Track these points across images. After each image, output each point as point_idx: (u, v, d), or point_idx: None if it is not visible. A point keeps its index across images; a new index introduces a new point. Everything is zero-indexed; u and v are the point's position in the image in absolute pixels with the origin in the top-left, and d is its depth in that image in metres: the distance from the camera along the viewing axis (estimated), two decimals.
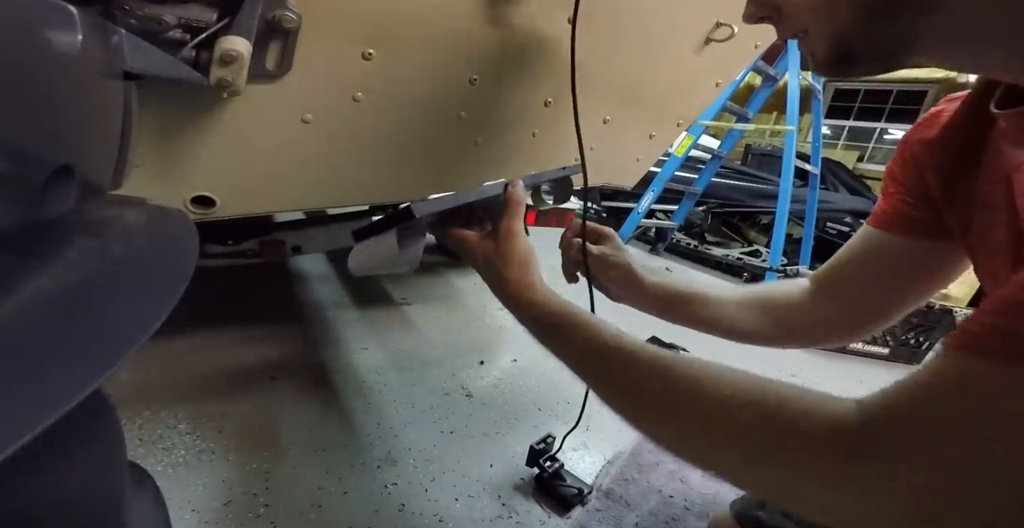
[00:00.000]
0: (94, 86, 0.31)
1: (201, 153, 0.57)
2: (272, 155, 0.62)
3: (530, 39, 0.69)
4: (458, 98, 0.70)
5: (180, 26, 0.45)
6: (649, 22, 0.77)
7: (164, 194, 0.58)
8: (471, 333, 1.62)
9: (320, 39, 0.54)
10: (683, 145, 2.89)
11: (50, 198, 0.24)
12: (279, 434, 1.04)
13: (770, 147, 4.49)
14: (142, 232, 0.30)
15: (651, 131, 1.04)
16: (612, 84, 0.85)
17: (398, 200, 0.82)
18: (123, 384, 1.13)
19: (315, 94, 0.59)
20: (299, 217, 1.52)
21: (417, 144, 0.72)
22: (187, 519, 0.81)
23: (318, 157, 0.65)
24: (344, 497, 0.90)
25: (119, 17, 0.41)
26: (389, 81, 0.63)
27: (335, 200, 0.76)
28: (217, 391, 1.16)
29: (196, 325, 1.41)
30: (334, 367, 1.32)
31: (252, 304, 1.64)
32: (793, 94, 2.70)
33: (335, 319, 1.60)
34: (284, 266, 1.99)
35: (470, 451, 1.06)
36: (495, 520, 0.89)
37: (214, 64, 0.45)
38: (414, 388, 1.27)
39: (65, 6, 0.26)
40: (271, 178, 0.65)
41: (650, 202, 3.02)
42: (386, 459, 1.01)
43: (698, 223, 3.69)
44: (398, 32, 0.59)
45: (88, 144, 0.30)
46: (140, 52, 0.39)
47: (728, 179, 3.60)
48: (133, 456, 0.93)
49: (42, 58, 0.24)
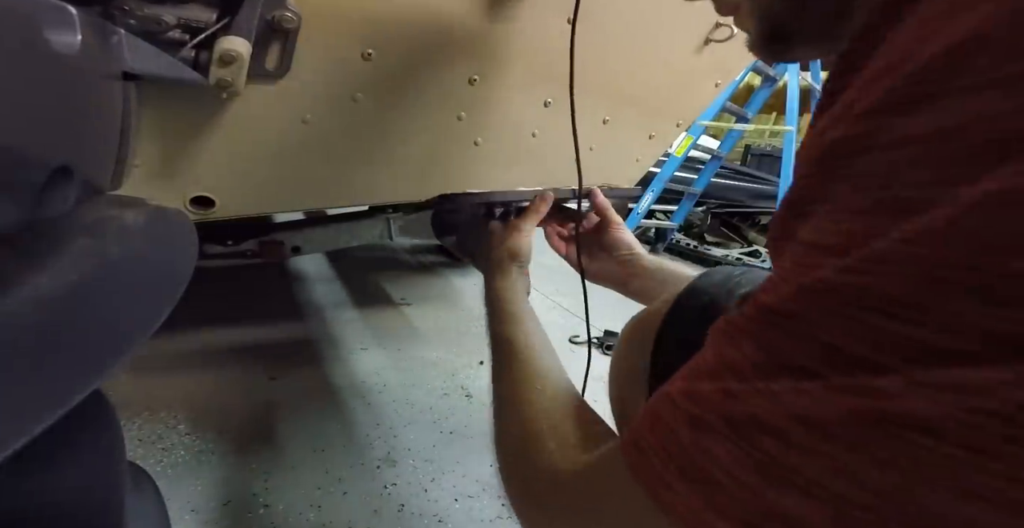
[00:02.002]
0: (93, 86, 0.31)
1: (201, 153, 0.57)
2: (272, 155, 0.62)
3: (530, 39, 0.69)
4: (458, 98, 0.70)
5: (180, 26, 0.45)
6: (649, 22, 0.77)
7: (164, 194, 0.58)
8: (471, 333, 1.62)
9: (320, 39, 0.54)
10: (683, 145, 2.88)
11: (50, 198, 0.24)
12: (279, 434, 1.04)
13: (769, 147, 4.49)
14: (141, 232, 0.30)
15: (650, 131, 1.04)
16: (612, 84, 0.85)
17: (398, 200, 0.82)
18: (122, 384, 1.13)
19: (315, 94, 0.59)
20: (299, 217, 1.51)
21: (417, 144, 0.72)
22: (187, 519, 0.81)
23: (318, 157, 0.65)
24: (343, 497, 0.90)
25: (119, 17, 0.41)
26: (389, 81, 0.63)
27: (335, 200, 0.76)
28: (217, 391, 1.16)
29: (196, 325, 1.41)
30: (333, 367, 1.32)
31: (252, 304, 1.63)
32: (792, 94, 2.70)
33: (334, 319, 1.60)
34: (284, 266, 1.99)
35: (470, 451, 1.06)
36: (495, 520, 0.89)
37: (213, 64, 0.45)
38: (413, 388, 1.26)
39: (65, 6, 0.26)
40: (271, 178, 0.65)
41: (650, 202, 3.02)
42: (385, 459, 1.00)
43: (698, 223, 3.69)
44: (398, 32, 0.59)
45: (87, 144, 0.30)
46: (140, 52, 0.39)
47: (728, 179, 3.60)
48: (133, 456, 0.93)
49: (41, 58, 0.24)
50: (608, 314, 1.92)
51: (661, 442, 0.21)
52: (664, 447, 0.21)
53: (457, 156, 0.79)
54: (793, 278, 0.19)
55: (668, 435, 0.21)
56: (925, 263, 0.15)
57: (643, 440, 0.22)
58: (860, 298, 0.16)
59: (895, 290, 0.16)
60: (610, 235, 0.70)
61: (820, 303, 0.18)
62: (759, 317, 0.20)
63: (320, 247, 1.48)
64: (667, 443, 0.20)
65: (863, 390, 0.16)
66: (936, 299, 0.15)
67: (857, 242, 0.17)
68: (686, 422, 0.20)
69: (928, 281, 0.15)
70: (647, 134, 1.04)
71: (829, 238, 0.18)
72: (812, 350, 0.17)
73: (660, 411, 0.22)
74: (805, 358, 0.17)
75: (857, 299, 0.16)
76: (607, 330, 1.64)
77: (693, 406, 0.20)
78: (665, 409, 0.22)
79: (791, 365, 0.18)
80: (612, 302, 0.69)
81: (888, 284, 0.16)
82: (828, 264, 0.18)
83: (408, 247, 2.41)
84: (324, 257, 2.12)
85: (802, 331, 0.18)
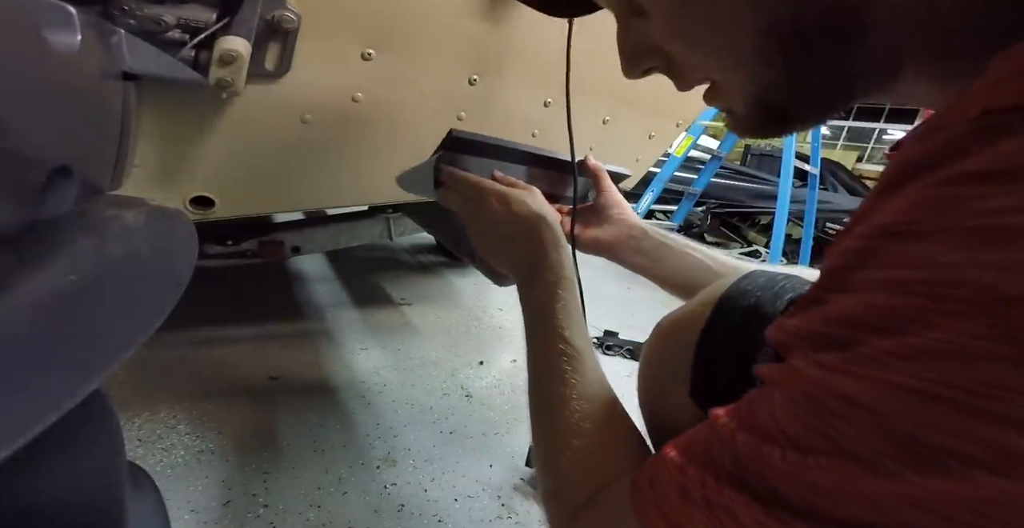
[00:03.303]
0: (93, 86, 0.31)
1: (201, 153, 0.57)
2: (272, 155, 0.62)
3: (530, 39, 0.69)
4: (458, 98, 0.70)
5: (179, 26, 0.45)
6: None
7: (163, 194, 0.58)
8: (470, 333, 1.62)
9: (319, 39, 0.54)
10: (682, 145, 2.89)
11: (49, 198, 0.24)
12: (278, 434, 1.04)
13: (769, 147, 4.49)
14: (141, 233, 0.30)
15: (650, 131, 1.04)
16: (611, 84, 0.85)
17: (398, 200, 0.82)
18: (122, 384, 1.13)
19: (314, 94, 0.59)
20: (299, 217, 1.51)
21: (417, 144, 0.72)
22: (186, 519, 0.81)
23: (318, 157, 0.65)
24: (343, 497, 0.90)
25: (119, 17, 0.41)
26: (389, 81, 0.63)
27: (335, 200, 0.76)
28: (216, 391, 1.16)
29: (195, 325, 1.41)
30: (333, 367, 1.32)
31: (251, 304, 1.63)
32: None
33: (334, 319, 1.60)
34: (283, 266, 1.99)
35: (470, 451, 1.06)
36: (495, 520, 0.89)
37: (213, 64, 0.45)
38: (413, 388, 1.26)
39: (64, 6, 0.26)
40: (270, 178, 0.65)
41: (649, 202, 3.02)
42: (385, 459, 1.00)
43: (698, 223, 3.69)
44: (398, 32, 0.59)
45: (87, 144, 0.30)
46: (140, 52, 0.39)
47: (728, 179, 3.60)
48: (132, 456, 0.93)
49: (41, 58, 0.24)
50: (608, 314, 1.92)
51: (655, 498, 0.26)
52: (656, 502, 0.26)
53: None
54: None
55: (662, 494, 0.26)
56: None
57: (644, 490, 0.27)
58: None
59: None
60: (600, 198, 0.65)
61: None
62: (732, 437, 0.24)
63: (320, 247, 1.48)
64: (660, 501, 0.26)
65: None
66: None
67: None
68: (676, 490, 0.25)
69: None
70: (647, 134, 1.04)
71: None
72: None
73: (659, 472, 0.27)
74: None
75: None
76: (607, 330, 1.64)
77: (685, 480, 0.25)
78: (663, 473, 0.26)
79: (748, 486, 0.22)
80: (611, 301, 0.69)
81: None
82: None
83: (408, 247, 2.41)
84: (324, 257, 2.12)
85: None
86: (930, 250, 0.18)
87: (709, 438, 0.25)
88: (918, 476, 0.18)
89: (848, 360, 0.20)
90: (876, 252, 0.20)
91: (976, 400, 0.16)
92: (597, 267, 1.52)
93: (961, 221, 0.17)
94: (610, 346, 1.57)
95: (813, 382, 0.21)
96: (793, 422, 0.21)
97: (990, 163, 0.17)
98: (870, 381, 0.19)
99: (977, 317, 0.16)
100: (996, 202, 0.17)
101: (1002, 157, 0.17)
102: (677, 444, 0.27)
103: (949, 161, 0.19)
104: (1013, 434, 0.16)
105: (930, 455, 0.17)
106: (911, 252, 0.19)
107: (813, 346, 0.22)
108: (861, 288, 0.20)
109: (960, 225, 0.17)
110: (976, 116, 0.18)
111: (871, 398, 0.19)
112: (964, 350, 0.17)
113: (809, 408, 0.21)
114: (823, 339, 0.21)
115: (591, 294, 0.69)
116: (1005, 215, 0.16)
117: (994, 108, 0.18)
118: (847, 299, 0.21)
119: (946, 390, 0.17)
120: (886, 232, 0.20)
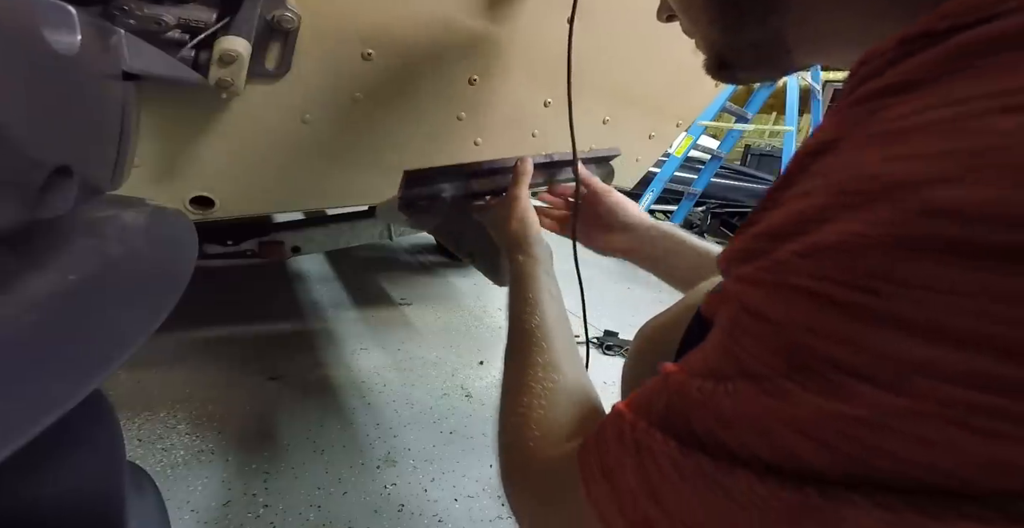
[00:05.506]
0: (93, 86, 0.31)
1: (200, 153, 0.57)
2: (272, 155, 0.62)
3: (530, 39, 0.69)
4: (458, 98, 0.70)
5: (179, 26, 0.45)
6: (648, 22, 0.77)
7: (163, 194, 0.58)
8: (470, 333, 1.62)
9: (320, 39, 0.54)
10: (682, 145, 2.88)
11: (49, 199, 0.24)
12: (278, 434, 1.04)
13: (769, 147, 4.49)
14: (141, 233, 0.31)
15: (651, 131, 1.04)
16: (611, 84, 0.85)
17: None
18: (122, 384, 1.13)
19: (315, 94, 0.59)
20: (299, 217, 1.51)
21: (417, 144, 0.72)
22: (186, 519, 0.81)
23: (318, 157, 0.65)
24: (343, 497, 0.90)
25: (119, 17, 0.41)
26: (389, 81, 0.63)
27: (335, 200, 0.76)
28: (216, 391, 1.16)
29: (196, 325, 1.41)
30: (333, 367, 1.32)
31: (251, 304, 1.64)
32: (792, 94, 2.70)
33: (334, 319, 1.60)
34: (284, 266, 1.99)
35: (470, 451, 1.06)
36: (495, 520, 0.89)
37: (213, 64, 0.45)
38: (413, 388, 1.27)
39: (64, 6, 0.26)
40: (271, 178, 0.65)
41: (649, 202, 3.02)
42: (385, 459, 1.00)
43: (698, 223, 3.69)
44: (398, 32, 0.59)
45: (87, 144, 0.30)
46: (140, 52, 0.39)
47: (727, 179, 3.60)
48: (132, 456, 0.93)
49: (41, 58, 0.24)
50: (607, 314, 1.92)
51: (598, 448, 0.25)
52: (599, 452, 0.25)
53: (457, 156, 0.78)
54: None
55: (604, 444, 0.25)
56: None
57: (590, 444, 0.26)
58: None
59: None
60: (603, 204, 0.69)
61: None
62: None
63: (320, 247, 1.48)
64: (601, 451, 0.25)
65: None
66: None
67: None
68: (616, 438, 0.24)
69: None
70: (647, 134, 1.04)
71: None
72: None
73: (605, 424, 0.26)
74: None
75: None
76: (607, 330, 1.64)
77: (622, 425, 0.24)
78: (607, 423, 0.26)
79: (673, 425, 0.22)
80: (611, 301, 0.69)
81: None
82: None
83: (408, 247, 2.41)
84: (324, 257, 2.12)
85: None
86: (840, 157, 0.20)
87: (655, 386, 0.25)
88: (804, 393, 0.17)
89: (760, 268, 0.20)
90: (803, 170, 0.21)
91: (867, 299, 0.16)
92: (597, 267, 1.52)
93: (867, 128, 0.19)
94: (610, 346, 1.57)
95: (733, 299, 0.21)
96: (716, 351, 0.21)
97: (893, 78, 0.19)
98: (771, 287, 0.19)
99: (877, 205, 0.16)
100: (897, 110, 0.18)
101: (905, 72, 0.19)
102: (628, 399, 0.26)
103: (867, 83, 0.20)
104: (903, 337, 0.15)
105: (818, 367, 0.17)
106: (826, 163, 0.20)
107: (738, 263, 0.22)
108: (785, 203, 0.21)
109: (866, 132, 0.19)
110: (893, 46, 0.20)
111: (771, 306, 0.19)
112: (858, 238, 0.16)
113: (727, 331, 0.21)
114: (745, 255, 0.22)
115: (591, 294, 0.69)
116: (906, 118, 0.18)
117: (908, 36, 0.19)
118: (773, 215, 0.21)
119: (837, 289, 0.17)
120: (811, 152, 0.21)
